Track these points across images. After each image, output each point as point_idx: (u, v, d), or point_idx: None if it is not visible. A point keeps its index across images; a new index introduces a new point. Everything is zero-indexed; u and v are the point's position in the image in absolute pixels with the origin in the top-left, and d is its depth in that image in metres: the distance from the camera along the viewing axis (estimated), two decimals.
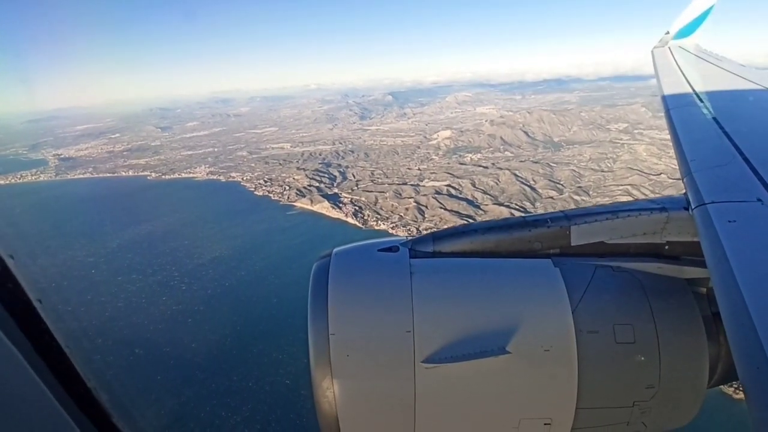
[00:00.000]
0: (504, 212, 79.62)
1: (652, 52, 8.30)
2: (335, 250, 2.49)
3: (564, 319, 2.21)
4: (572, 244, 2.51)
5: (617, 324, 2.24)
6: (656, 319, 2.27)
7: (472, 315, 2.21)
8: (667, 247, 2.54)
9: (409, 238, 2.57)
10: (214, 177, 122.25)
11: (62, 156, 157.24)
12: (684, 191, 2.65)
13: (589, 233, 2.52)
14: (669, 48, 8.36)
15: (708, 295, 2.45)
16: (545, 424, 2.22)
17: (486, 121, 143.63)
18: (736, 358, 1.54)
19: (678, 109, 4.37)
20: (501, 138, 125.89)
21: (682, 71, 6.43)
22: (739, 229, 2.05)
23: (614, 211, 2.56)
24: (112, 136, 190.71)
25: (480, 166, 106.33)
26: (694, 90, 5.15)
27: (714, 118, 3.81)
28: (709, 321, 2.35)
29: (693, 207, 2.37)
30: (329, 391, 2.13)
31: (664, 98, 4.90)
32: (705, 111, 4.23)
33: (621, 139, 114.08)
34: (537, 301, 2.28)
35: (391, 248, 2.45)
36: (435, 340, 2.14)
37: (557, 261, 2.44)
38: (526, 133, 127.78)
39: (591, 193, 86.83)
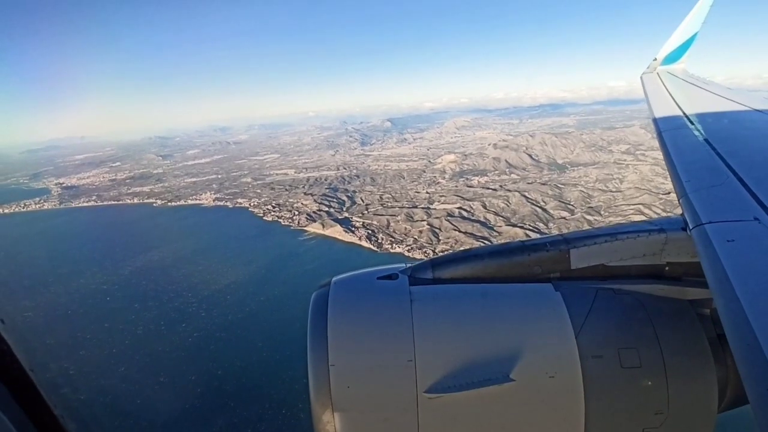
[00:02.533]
0: (519, 233, 79.83)
1: (641, 78, 8.47)
2: (334, 279, 2.45)
3: (568, 344, 2.17)
4: (572, 268, 2.49)
5: (622, 348, 2.21)
6: (661, 342, 2.22)
7: (474, 342, 2.17)
8: (667, 268, 2.52)
9: (408, 265, 2.54)
10: (221, 203, 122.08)
11: (64, 185, 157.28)
12: (681, 212, 2.62)
13: (588, 256, 2.50)
14: (657, 73, 8.55)
15: (712, 316, 2.40)
16: None
17: (489, 144, 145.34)
18: (744, 380, 1.51)
19: (670, 132, 4.42)
20: (506, 161, 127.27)
21: (671, 95, 6.54)
22: (738, 248, 2.02)
23: (613, 233, 2.55)
24: (113, 165, 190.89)
25: (488, 188, 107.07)
26: (684, 113, 5.22)
27: (706, 140, 3.86)
28: (715, 343, 2.30)
29: (691, 227, 2.34)
30: (330, 425, 2.08)
31: (656, 122, 4.98)
32: (696, 133, 4.28)
33: (625, 160, 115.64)
34: (540, 327, 2.24)
35: (390, 276, 2.42)
36: (437, 369, 2.10)
37: (558, 285, 2.40)
38: (530, 155, 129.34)
39: (603, 212, 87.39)
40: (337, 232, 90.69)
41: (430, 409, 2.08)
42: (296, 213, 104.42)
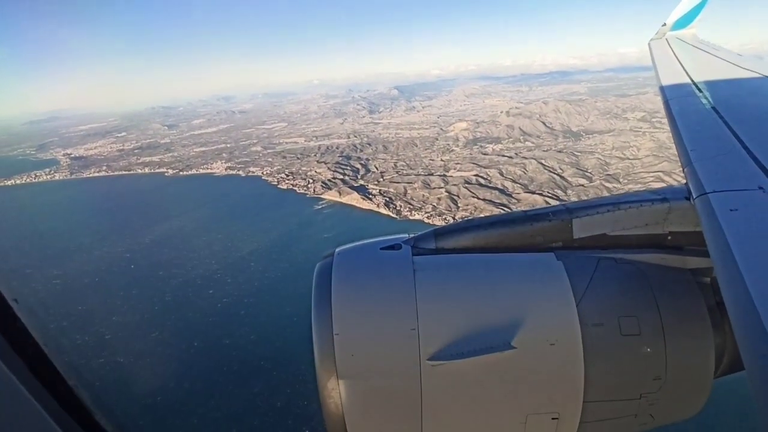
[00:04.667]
0: (538, 200, 79.60)
1: (649, 44, 8.27)
2: (338, 249, 2.46)
3: (569, 312, 2.20)
4: (575, 237, 2.50)
5: (622, 316, 2.24)
6: (661, 311, 2.26)
7: (476, 311, 2.20)
8: (669, 237, 2.52)
9: (411, 235, 2.53)
10: (233, 172, 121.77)
11: (72, 155, 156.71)
12: (685, 181, 2.58)
13: (591, 226, 2.50)
14: (666, 39, 8.36)
15: (712, 284, 2.41)
16: (553, 418, 2.22)
17: (501, 112, 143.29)
18: (741, 346, 1.54)
19: (677, 100, 4.34)
20: (520, 128, 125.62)
21: (680, 62, 6.42)
22: (741, 217, 2.02)
23: (616, 203, 2.54)
24: (119, 135, 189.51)
25: (503, 156, 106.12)
26: (692, 80, 5.13)
27: (713, 108, 3.77)
28: (714, 311, 2.32)
29: (694, 197, 2.31)
30: (335, 391, 2.13)
31: (663, 89, 4.88)
32: (704, 101, 4.19)
33: (641, 128, 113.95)
34: (541, 296, 2.27)
35: (394, 246, 2.43)
36: (440, 337, 2.14)
37: (560, 254, 2.42)
38: (543, 123, 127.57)
39: (621, 180, 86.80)
40: (354, 199, 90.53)
41: (432, 376, 2.11)
42: (311, 181, 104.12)
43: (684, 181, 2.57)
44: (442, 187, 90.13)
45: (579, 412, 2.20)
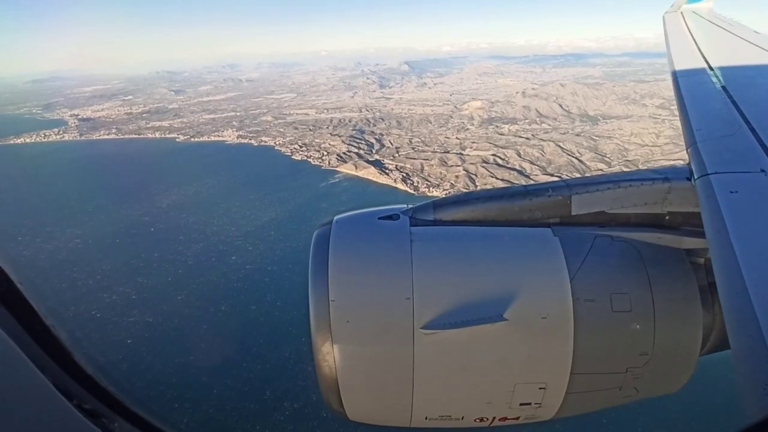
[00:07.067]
0: None
1: (663, 17, 8.07)
2: (336, 217, 2.49)
3: (562, 287, 2.23)
4: (573, 213, 2.51)
5: (614, 293, 2.28)
6: (653, 289, 2.30)
7: (470, 283, 2.24)
8: (667, 217, 2.53)
9: (410, 206, 2.55)
10: (245, 141, 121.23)
11: (80, 116, 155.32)
12: (688, 161, 2.60)
13: (590, 202, 2.51)
14: (681, 13, 8.13)
15: (706, 265, 2.46)
16: (540, 388, 2.28)
17: (516, 92, 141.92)
18: (729, 326, 1.56)
19: (686, 77, 4.28)
20: (536, 110, 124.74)
21: (693, 37, 6.28)
22: (740, 199, 2.04)
23: (616, 180, 2.55)
24: (125, 98, 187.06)
25: (520, 137, 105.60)
26: (704, 57, 5.01)
27: (723, 87, 3.73)
28: (705, 291, 2.38)
29: (696, 177, 2.34)
30: (329, 355, 2.17)
31: (672, 64, 4.84)
32: (714, 79, 4.13)
33: (660, 115, 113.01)
34: (535, 270, 2.30)
35: (392, 216, 2.46)
36: (434, 307, 2.18)
37: (557, 230, 2.44)
38: (560, 105, 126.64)
39: (641, 166, 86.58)
40: (370, 173, 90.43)
41: (425, 345, 2.16)
42: (325, 153, 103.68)
43: (687, 161, 2.60)
44: (459, 165, 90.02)
45: (566, 383, 2.26)
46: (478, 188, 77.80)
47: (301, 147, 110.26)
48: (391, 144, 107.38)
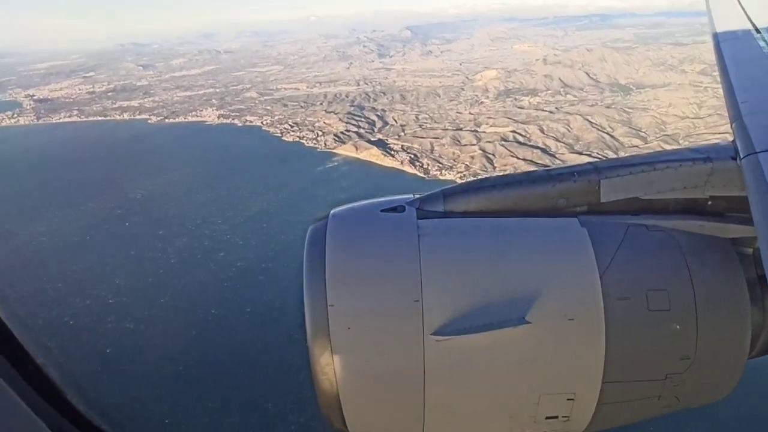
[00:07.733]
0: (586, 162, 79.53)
1: None
2: (333, 211, 2.44)
3: (591, 284, 2.20)
4: (602, 201, 2.45)
5: (651, 290, 2.23)
6: (695, 284, 2.24)
7: (487, 281, 2.21)
8: (710, 202, 2.46)
9: (416, 196, 2.49)
10: (227, 121, 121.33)
11: (36, 97, 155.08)
12: (732, 138, 2.51)
13: (621, 188, 2.44)
14: None
15: (754, 256, 2.39)
16: (568, 399, 2.24)
17: (537, 60, 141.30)
18: None
19: (730, 42, 4.14)
20: (559, 79, 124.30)
21: None
22: None
23: (651, 162, 2.47)
24: (87, 75, 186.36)
25: (542, 110, 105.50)
26: (750, 19, 4.80)
27: None
28: (754, 285, 2.31)
29: (742, 156, 2.28)
30: (329, 367, 2.13)
31: (714, 26, 4.69)
32: (762, 43, 3.99)
33: (701, 83, 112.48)
34: (561, 265, 2.27)
35: (396, 208, 2.39)
36: (446, 309, 2.14)
37: (584, 220, 2.39)
38: (587, 74, 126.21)
39: (681, 141, 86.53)
40: (373, 155, 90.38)
41: (437, 352, 2.11)
42: (320, 133, 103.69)
43: (731, 138, 2.50)
44: (474, 144, 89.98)
45: (597, 393, 2.22)
46: (497, 170, 78.04)
47: (292, 127, 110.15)
48: (396, 121, 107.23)
